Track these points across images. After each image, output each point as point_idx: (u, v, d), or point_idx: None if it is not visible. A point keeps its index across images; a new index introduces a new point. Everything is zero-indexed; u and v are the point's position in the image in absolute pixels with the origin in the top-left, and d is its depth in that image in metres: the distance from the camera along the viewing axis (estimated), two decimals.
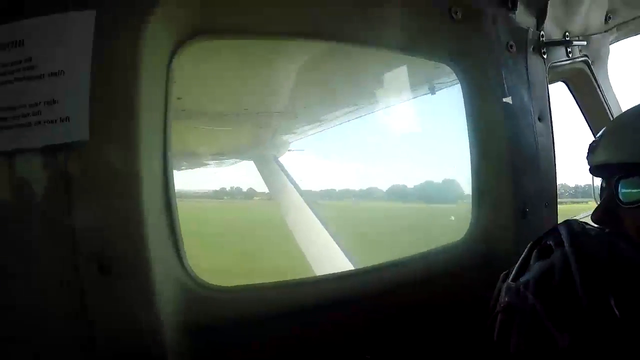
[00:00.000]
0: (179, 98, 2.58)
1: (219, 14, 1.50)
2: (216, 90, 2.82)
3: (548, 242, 1.27)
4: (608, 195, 1.36)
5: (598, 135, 1.44)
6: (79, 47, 1.26)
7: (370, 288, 1.73)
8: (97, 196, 1.26)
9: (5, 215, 1.28)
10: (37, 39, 1.27)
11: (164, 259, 1.35)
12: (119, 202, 1.27)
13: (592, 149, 1.43)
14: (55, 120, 1.23)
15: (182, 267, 1.42)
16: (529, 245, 1.33)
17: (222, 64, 2.27)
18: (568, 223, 1.29)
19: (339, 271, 1.79)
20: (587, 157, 1.46)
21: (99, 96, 1.24)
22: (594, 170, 1.46)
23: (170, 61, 1.42)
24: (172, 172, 1.41)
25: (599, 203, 1.42)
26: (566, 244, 1.20)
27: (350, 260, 4.91)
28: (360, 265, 1.93)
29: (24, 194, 1.26)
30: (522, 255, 1.31)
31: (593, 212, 1.39)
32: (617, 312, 1.06)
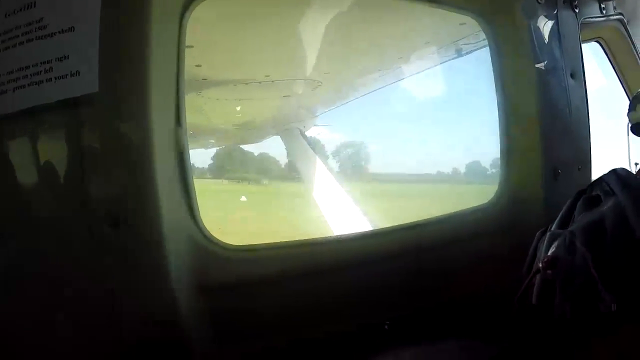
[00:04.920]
0: (198, 65, 2.55)
1: None
2: (236, 57, 2.78)
3: (595, 193, 1.15)
4: None
5: (638, 91, 1.38)
6: (88, 3, 1.24)
7: (392, 249, 1.68)
8: (108, 151, 1.25)
9: (20, 171, 1.30)
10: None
11: (176, 216, 1.33)
12: (129, 157, 1.26)
13: (634, 105, 1.37)
14: (66, 75, 1.23)
15: (195, 225, 1.39)
16: (572, 196, 1.21)
17: (241, 27, 2.23)
18: (615, 171, 1.17)
19: (359, 231, 1.75)
20: (628, 114, 1.40)
21: (108, 50, 1.22)
22: (637, 128, 1.39)
23: (182, 16, 1.38)
24: (186, 129, 1.37)
25: None
26: (617, 191, 1.08)
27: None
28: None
29: (38, 153, 1.27)
30: (565, 207, 1.19)
31: (637, 171, 1.34)
32: None
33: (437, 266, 1.71)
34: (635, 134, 1.44)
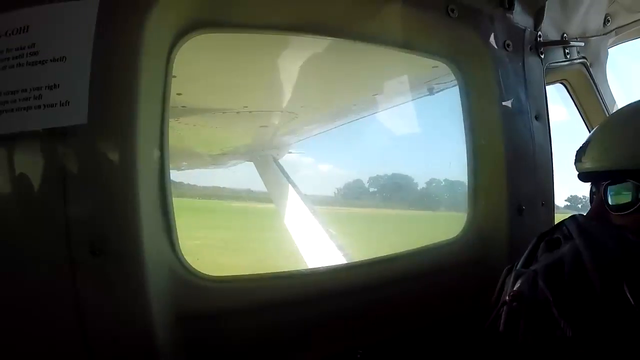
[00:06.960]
0: (179, 94, 2.58)
1: (221, 7, 1.52)
2: (216, 87, 2.83)
3: (556, 236, 1.29)
4: (598, 200, 1.39)
5: (584, 142, 1.45)
6: (81, 34, 1.28)
7: (363, 282, 1.73)
8: (93, 181, 1.27)
9: (2, 198, 1.30)
10: (41, 26, 1.29)
11: (156, 245, 1.35)
12: (113, 187, 1.28)
13: (579, 156, 1.45)
14: (56, 104, 1.25)
15: (174, 255, 1.42)
16: (535, 238, 1.35)
17: (222, 60, 2.28)
18: (575, 218, 1.32)
19: (332, 264, 1.79)
20: (575, 164, 1.47)
21: (98, 82, 1.25)
22: (583, 177, 1.48)
23: (170, 52, 1.43)
24: (169, 160, 1.41)
25: (590, 207, 1.44)
26: (575, 236, 1.22)
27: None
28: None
29: (22, 177, 1.28)
30: (529, 248, 1.33)
31: (585, 216, 1.41)
32: (631, 299, 1.08)
33: (409, 297, 1.77)
34: (582, 181, 1.51)
